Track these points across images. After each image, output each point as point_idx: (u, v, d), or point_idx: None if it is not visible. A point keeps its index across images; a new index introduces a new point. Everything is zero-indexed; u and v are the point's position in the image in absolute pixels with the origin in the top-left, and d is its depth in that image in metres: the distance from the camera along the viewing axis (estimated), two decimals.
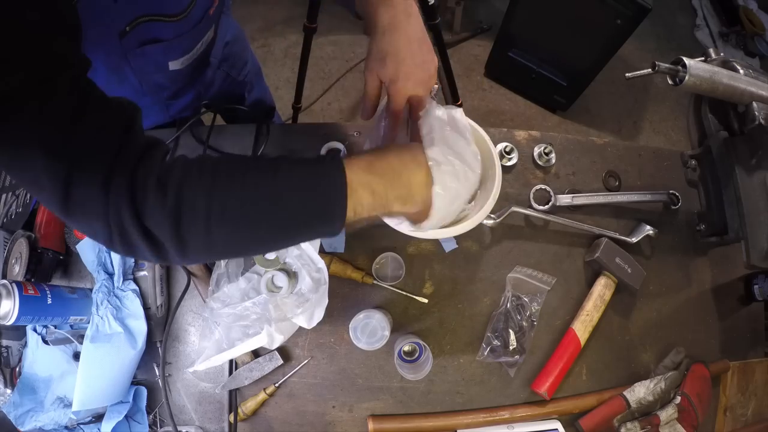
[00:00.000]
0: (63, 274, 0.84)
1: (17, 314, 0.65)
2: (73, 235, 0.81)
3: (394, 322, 0.78)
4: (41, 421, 0.71)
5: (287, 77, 2.14)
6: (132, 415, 0.75)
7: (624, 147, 0.94)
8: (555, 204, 0.85)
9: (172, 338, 0.80)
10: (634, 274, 0.82)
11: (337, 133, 0.89)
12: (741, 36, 2.28)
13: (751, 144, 0.76)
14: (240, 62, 1.00)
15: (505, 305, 0.79)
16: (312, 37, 1.41)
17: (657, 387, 0.77)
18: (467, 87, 2.17)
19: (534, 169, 0.89)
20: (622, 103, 2.20)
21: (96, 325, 0.71)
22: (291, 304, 0.64)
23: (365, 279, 0.79)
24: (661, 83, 2.19)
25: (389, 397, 0.78)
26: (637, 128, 2.16)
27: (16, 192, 0.87)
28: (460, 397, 0.78)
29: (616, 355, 0.82)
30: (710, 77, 0.70)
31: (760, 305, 0.89)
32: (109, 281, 0.74)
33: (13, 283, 0.66)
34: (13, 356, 0.79)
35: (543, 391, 0.76)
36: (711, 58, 0.75)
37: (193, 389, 0.78)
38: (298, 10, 2.22)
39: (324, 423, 0.77)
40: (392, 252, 0.82)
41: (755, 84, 0.71)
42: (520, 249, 0.84)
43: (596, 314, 0.80)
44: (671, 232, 0.88)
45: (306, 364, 0.78)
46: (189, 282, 0.79)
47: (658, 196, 0.89)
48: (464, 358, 0.79)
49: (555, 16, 1.75)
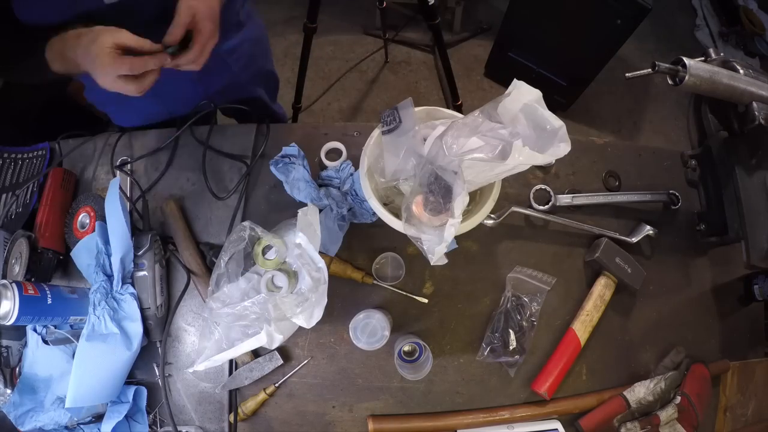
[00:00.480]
0: (63, 274, 0.84)
1: (17, 314, 0.65)
2: (73, 235, 0.81)
3: (394, 322, 0.78)
4: (41, 421, 0.71)
5: (287, 77, 2.14)
6: (132, 415, 0.75)
7: (624, 147, 0.94)
8: (555, 204, 0.85)
9: (172, 338, 0.80)
10: (634, 274, 0.82)
11: (337, 133, 0.89)
12: (741, 36, 2.28)
13: (751, 144, 0.76)
14: (261, 64, 1.06)
15: (505, 305, 0.79)
16: (312, 36, 1.41)
17: (657, 387, 0.77)
18: (467, 87, 2.17)
19: (534, 168, 0.89)
20: (622, 103, 2.20)
21: (92, 324, 0.71)
22: (290, 303, 0.64)
23: (365, 279, 0.79)
24: (661, 83, 2.19)
25: (389, 397, 0.78)
26: (637, 128, 2.16)
27: (16, 192, 0.87)
28: (460, 397, 0.78)
29: (616, 355, 0.82)
30: (710, 77, 0.70)
31: (760, 305, 0.89)
32: (107, 283, 0.74)
33: (13, 283, 0.67)
34: (13, 356, 0.79)
35: (543, 391, 0.76)
36: (711, 58, 0.75)
37: (193, 389, 0.78)
38: (298, 10, 2.22)
39: (324, 423, 0.77)
40: (392, 252, 0.82)
41: (755, 84, 0.71)
42: (520, 249, 0.84)
43: (596, 314, 0.80)
44: (671, 232, 0.88)
45: (306, 364, 0.78)
46: (189, 281, 0.79)
47: (658, 196, 0.89)
48: (464, 358, 0.79)
49: (555, 16, 1.75)
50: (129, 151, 0.90)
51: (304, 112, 2.03)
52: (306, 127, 0.91)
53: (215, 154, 0.88)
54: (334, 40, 2.17)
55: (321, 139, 0.88)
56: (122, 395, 0.75)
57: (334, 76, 2.13)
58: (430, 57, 2.21)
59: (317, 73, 2.15)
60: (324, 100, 2.07)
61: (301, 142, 0.86)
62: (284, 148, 0.84)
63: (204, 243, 0.83)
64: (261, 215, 0.85)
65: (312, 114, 2.05)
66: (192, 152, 0.89)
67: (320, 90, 2.08)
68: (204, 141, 0.88)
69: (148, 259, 0.76)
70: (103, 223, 0.78)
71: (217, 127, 0.90)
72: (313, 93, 2.08)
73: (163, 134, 0.90)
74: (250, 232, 0.69)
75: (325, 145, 0.87)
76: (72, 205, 0.85)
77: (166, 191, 0.87)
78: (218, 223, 0.84)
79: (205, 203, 0.86)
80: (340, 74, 2.13)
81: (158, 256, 0.78)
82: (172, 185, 0.88)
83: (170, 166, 0.88)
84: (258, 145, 0.88)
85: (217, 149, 0.89)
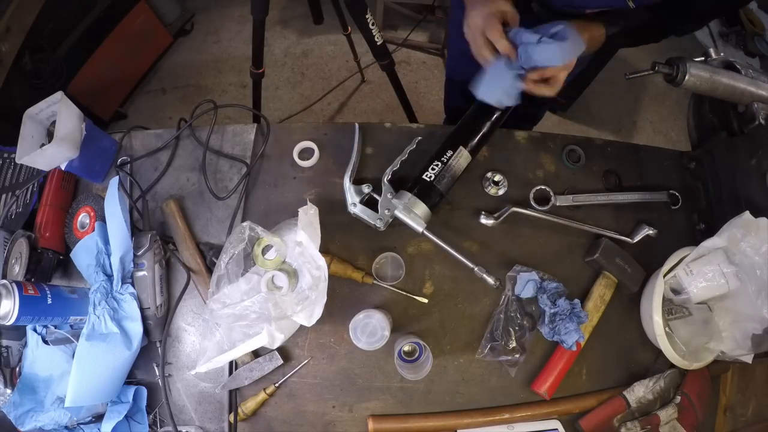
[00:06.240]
0: (63, 274, 0.84)
1: (17, 314, 0.65)
2: (73, 235, 0.81)
3: (394, 322, 0.78)
4: (41, 421, 0.71)
5: (287, 77, 2.14)
6: (132, 415, 0.75)
7: (624, 147, 0.94)
8: (555, 204, 0.85)
9: (172, 338, 0.80)
10: (634, 274, 0.82)
11: (337, 132, 0.89)
12: (741, 36, 2.27)
13: (751, 144, 0.76)
14: None
15: (505, 305, 0.79)
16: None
17: (656, 385, 0.77)
18: None
19: (535, 168, 0.89)
20: (622, 103, 2.20)
21: (92, 324, 0.71)
22: (291, 302, 0.64)
23: (365, 279, 0.79)
24: (661, 83, 2.18)
25: (389, 397, 0.78)
26: (637, 128, 2.16)
27: (16, 192, 0.87)
28: (460, 397, 0.78)
29: (616, 355, 0.82)
30: (710, 77, 0.70)
31: None
32: (107, 282, 0.74)
33: (13, 283, 0.67)
34: (13, 356, 0.79)
35: (543, 391, 0.76)
36: (711, 58, 0.75)
37: (193, 389, 0.78)
38: (298, 9, 2.23)
39: (324, 423, 0.77)
40: (392, 252, 0.82)
41: (755, 84, 0.71)
42: (520, 249, 0.84)
43: (596, 314, 0.80)
44: (671, 232, 0.88)
45: (306, 364, 0.78)
46: (188, 281, 0.79)
47: (658, 196, 0.89)
48: (464, 357, 0.79)
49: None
50: (129, 151, 0.90)
51: (304, 112, 2.03)
52: (306, 127, 0.91)
53: (215, 154, 0.88)
54: (334, 40, 2.17)
55: (321, 139, 0.88)
56: (122, 395, 0.75)
57: (334, 76, 2.13)
58: (430, 57, 2.21)
59: (317, 73, 2.15)
60: (324, 100, 2.07)
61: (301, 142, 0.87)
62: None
63: (204, 243, 0.83)
64: (261, 215, 0.85)
65: (312, 114, 2.05)
66: (192, 152, 0.89)
67: (320, 90, 2.08)
68: (204, 141, 0.88)
69: (148, 259, 0.76)
70: (103, 223, 0.78)
71: (217, 127, 0.90)
72: (314, 93, 2.08)
73: (163, 134, 0.91)
74: (250, 233, 0.69)
75: (298, 144, 0.87)
76: (72, 205, 0.85)
77: (166, 191, 0.87)
78: (218, 223, 0.84)
79: (205, 203, 0.86)
80: (340, 74, 2.13)
81: (158, 256, 0.78)
82: (172, 185, 0.88)
83: (170, 166, 0.88)
84: (258, 145, 0.88)
85: (216, 149, 0.89)
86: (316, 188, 0.86)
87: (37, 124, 0.80)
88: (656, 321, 0.75)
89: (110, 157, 0.89)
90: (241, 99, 2.05)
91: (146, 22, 1.95)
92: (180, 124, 0.90)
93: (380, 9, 2.08)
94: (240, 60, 2.17)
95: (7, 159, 0.90)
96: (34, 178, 0.87)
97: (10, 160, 0.90)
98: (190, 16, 2.22)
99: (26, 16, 1.34)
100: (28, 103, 0.78)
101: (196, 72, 2.16)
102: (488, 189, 0.86)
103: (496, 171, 0.87)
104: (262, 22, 1.20)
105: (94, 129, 0.84)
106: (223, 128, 0.91)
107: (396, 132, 0.89)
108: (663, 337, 0.75)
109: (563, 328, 0.74)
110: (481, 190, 0.87)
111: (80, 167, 0.81)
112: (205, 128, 0.90)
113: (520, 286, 0.79)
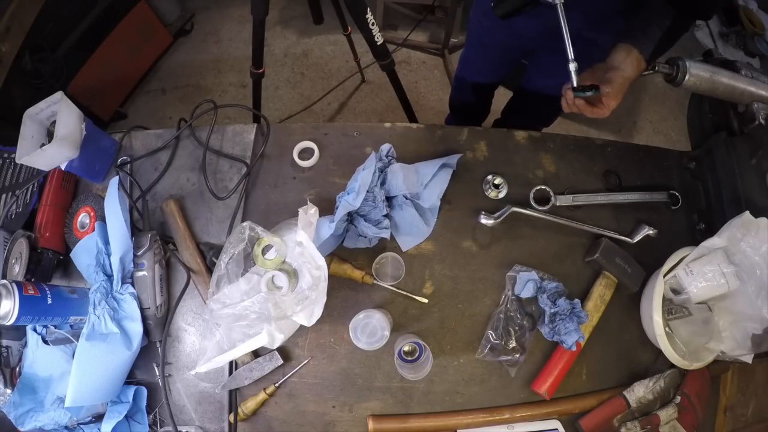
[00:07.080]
0: (63, 274, 0.84)
1: (17, 314, 0.65)
2: (73, 235, 0.81)
3: (394, 322, 0.78)
4: (41, 421, 0.71)
5: (287, 77, 2.14)
6: (132, 415, 0.75)
7: (624, 147, 0.94)
8: (555, 204, 0.85)
9: (172, 338, 0.80)
10: (634, 274, 0.82)
11: (337, 132, 0.89)
12: (741, 36, 2.27)
13: (751, 144, 0.76)
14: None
15: (505, 305, 0.79)
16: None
17: (656, 385, 0.77)
18: None
19: (535, 168, 0.89)
20: (622, 103, 2.18)
21: (92, 324, 0.71)
22: (291, 302, 0.64)
23: (365, 279, 0.79)
24: (661, 83, 2.18)
25: (389, 397, 0.78)
26: (637, 128, 2.16)
27: (16, 192, 0.87)
28: (460, 397, 0.78)
29: (616, 355, 0.82)
30: (710, 77, 0.70)
31: None
32: (107, 282, 0.74)
33: (13, 283, 0.67)
34: (13, 356, 0.79)
35: (543, 391, 0.76)
36: (711, 58, 0.75)
37: (193, 389, 0.78)
38: (298, 9, 2.22)
39: (324, 423, 0.77)
40: (392, 252, 0.82)
41: (755, 84, 0.71)
42: (520, 249, 0.84)
43: (596, 314, 0.80)
44: (671, 232, 0.88)
45: (306, 364, 0.78)
46: (188, 281, 0.79)
47: (658, 196, 0.89)
48: (464, 357, 0.79)
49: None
50: (129, 151, 0.90)
51: (304, 112, 2.03)
52: (306, 127, 0.91)
53: (215, 154, 0.88)
54: (334, 40, 2.17)
55: (321, 139, 0.88)
56: (122, 395, 0.75)
57: (334, 76, 2.13)
58: (430, 57, 2.21)
59: (317, 73, 2.15)
60: (324, 100, 2.07)
61: (301, 142, 0.86)
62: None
63: (204, 243, 0.83)
64: (261, 215, 0.85)
65: (312, 114, 2.05)
66: (192, 152, 0.89)
67: (320, 90, 2.08)
68: (204, 141, 0.88)
69: (148, 259, 0.76)
70: (103, 223, 0.78)
71: (217, 127, 0.90)
72: (314, 93, 2.08)
73: (163, 134, 0.91)
74: (250, 233, 0.69)
75: (298, 144, 0.87)
76: (72, 205, 0.85)
77: (166, 191, 0.87)
78: (218, 223, 0.84)
79: (205, 203, 0.86)
80: (340, 74, 2.12)
81: (158, 256, 0.78)
82: (172, 185, 0.88)
83: (170, 166, 0.88)
84: (258, 145, 0.88)
85: (217, 149, 0.89)
86: (316, 188, 0.86)
87: (37, 124, 0.80)
88: (656, 321, 0.75)
89: (110, 157, 0.89)
90: (241, 99, 2.05)
91: (146, 22, 1.95)
92: (180, 124, 0.90)
93: (380, 9, 2.08)
94: (240, 60, 2.17)
95: (7, 159, 0.90)
96: (34, 178, 0.87)
97: (10, 160, 0.90)
98: (190, 16, 2.22)
99: (26, 16, 1.34)
100: (28, 103, 0.78)
101: (196, 72, 2.16)
102: (488, 192, 0.86)
103: (497, 174, 0.87)
104: (262, 22, 1.20)
105: (94, 129, 0.84)
106: (223, 128, 0.91)
107: (396, 132, 0.89)
108: (663, 337, 0.75)
109: (563, 328, 0.74)
110: (481, 192, 0.87)
111: (80, 167, 0.81)
112: (205, 128, 0.90)
113: (519, 286, 0.79)
